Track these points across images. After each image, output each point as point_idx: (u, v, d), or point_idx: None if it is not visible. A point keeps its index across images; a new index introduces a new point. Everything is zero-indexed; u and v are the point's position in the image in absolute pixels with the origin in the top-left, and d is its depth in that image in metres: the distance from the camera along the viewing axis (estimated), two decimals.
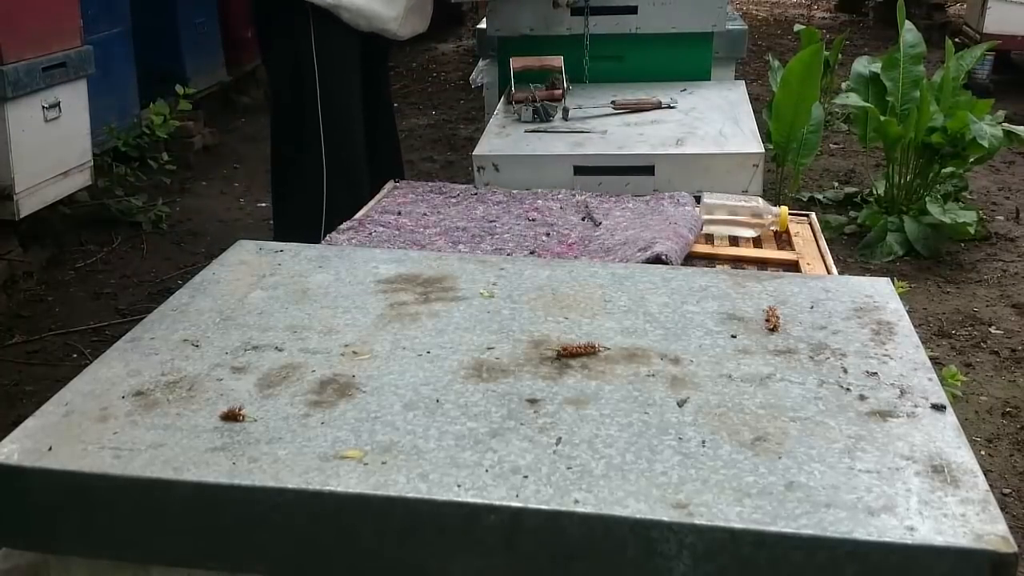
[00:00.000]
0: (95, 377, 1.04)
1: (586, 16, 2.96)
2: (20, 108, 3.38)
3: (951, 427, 0.95)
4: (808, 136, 3.96)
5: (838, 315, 1.18)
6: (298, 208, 2.35)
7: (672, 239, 1.52)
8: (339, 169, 2.29)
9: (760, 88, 6.17)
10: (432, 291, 1.24)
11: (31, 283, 3.70)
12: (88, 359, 2.76)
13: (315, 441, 0.92)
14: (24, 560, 0.95)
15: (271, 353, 1.08)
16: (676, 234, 1.55)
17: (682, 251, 1.52)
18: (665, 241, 1.50)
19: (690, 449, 0.90)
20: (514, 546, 0.83)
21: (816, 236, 1.69)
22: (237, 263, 1.33)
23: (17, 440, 0.93)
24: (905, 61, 4.09)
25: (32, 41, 3.38)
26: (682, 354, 1.08)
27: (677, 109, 2.85)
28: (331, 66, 2.25)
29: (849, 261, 3.95)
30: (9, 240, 3.65)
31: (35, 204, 3.53)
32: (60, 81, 3.50)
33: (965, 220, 3.95)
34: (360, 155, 2.31)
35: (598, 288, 1.25)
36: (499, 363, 1.06)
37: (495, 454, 0.89)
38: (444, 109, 6.40)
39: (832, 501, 0.83)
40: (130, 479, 0.87)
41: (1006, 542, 0.79)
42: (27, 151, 3.43)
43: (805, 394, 1.00)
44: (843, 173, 5.08)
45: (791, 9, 10.72)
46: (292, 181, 2.38)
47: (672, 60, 3.13)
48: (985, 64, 6.04)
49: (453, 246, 1.57)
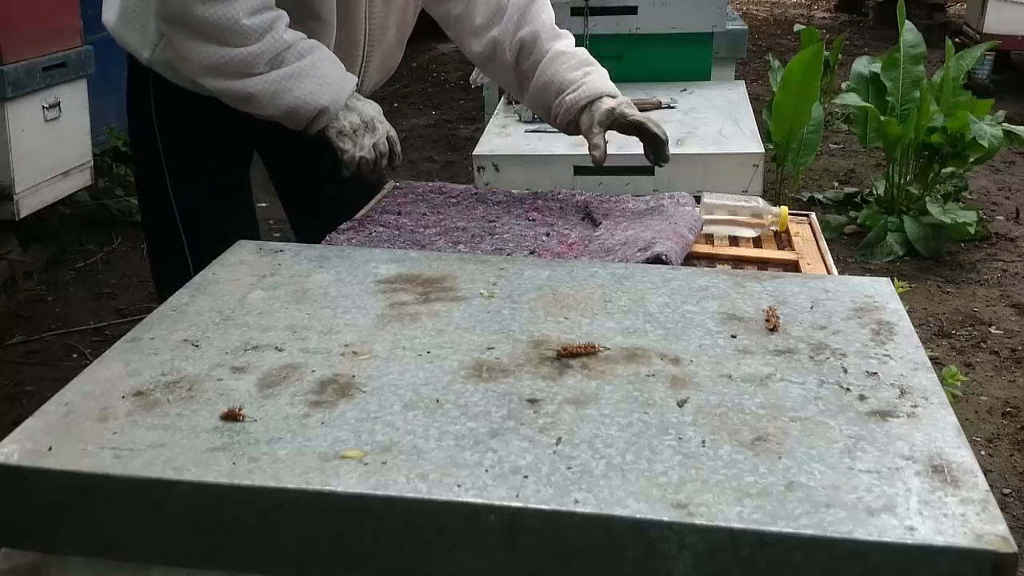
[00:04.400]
0: (95, 377, 1.04)
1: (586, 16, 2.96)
2: (20, 108, 3.38)
3: (951, 427, 0.95)
4: (808, 136, 3.96)
5: (838, 315, 1.18)
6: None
7: (672, 239, 1.52)
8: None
9: (760, 88, 6.17)
10: (432, 291, 1.24)
11: (31, 283, 3.70)
12: (88, 359, 2.76)
13: (315, 441, 0.92)
14: (24, 560, 0.95)
15: (271, 353, 1.08)
16: (676, 234, 1.55)
17: (682, 251, 1.52)
18: (665, 241, 1.50)
19: (690, 449, 0.90)
20: (514, 546, 0.83)
21: (816, 236, 1.69)
22: (237, 263, 1.33)
23: (17, 440, 0.93)
24: (905, 61, 4.10)
25: (32, 41, 3.38)
26: (682, 354, 1.08)
27: (677, 109, 2.85)
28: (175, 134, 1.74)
29: (849, 261, 3.95)
30: (9, 240, 3.65)
31: (35, 204, 3.54)
32: (60, 81, 3.51)
33: (965, 220, 3.95)
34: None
35: (598, 288, 1.25)
36: (499, 363, 1.06)
37: (495, 454, 0.89)
38: (444, 109, 6.41)
39: (832, 501, 0.83)
40: (130, 479, 0.87)
41: (1006, 542, 0.79)
42: (27, 151, 3.43)
43: (805, 394, 1.00)
44: (843, 173, 5.08)
45: (791, 9, 10.72)
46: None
47: (672, 60, 3.13)
48: (985, 64, 6.04)
49: (453, 246, 1.57)
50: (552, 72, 1.72)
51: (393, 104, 6.32)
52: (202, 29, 1.48)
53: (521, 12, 1.73)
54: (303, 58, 1.52)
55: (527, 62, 1.74)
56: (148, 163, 1.73)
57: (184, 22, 1.48)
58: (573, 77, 1.71)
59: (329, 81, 1.55)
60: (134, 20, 1.63)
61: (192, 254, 1.69)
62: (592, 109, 1.69)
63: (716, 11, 3.10)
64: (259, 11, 1.49)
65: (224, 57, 1.49)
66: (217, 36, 1.48)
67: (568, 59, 1.73)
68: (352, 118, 1.58)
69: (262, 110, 1.55)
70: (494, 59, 1.77)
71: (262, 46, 1.49)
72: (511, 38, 1.73)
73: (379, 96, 1.79)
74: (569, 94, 1.70)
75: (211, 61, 1.50)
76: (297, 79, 1.52)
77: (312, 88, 1.53)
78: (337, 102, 1.56)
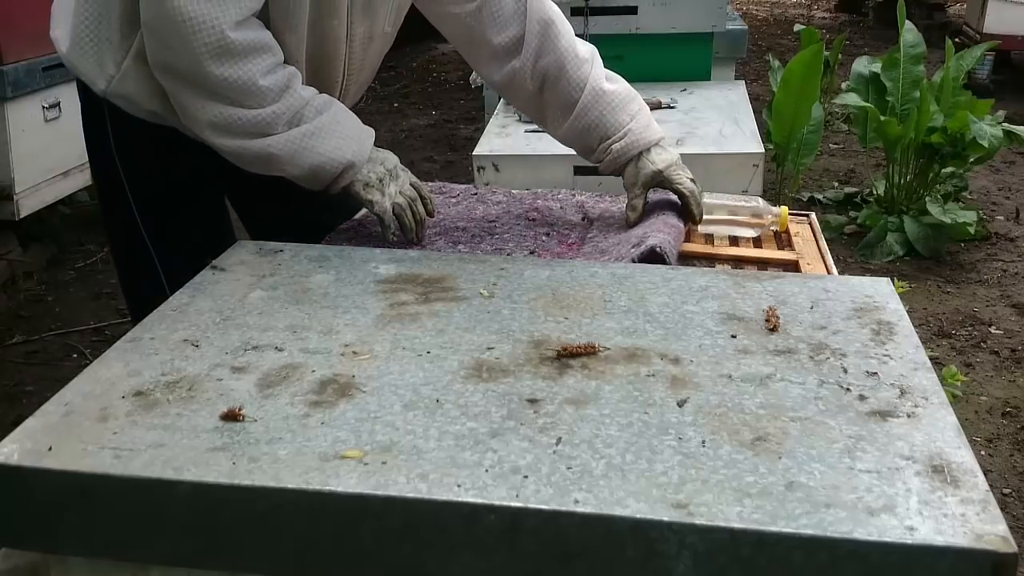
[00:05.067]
0: (95, 377, 1.04)
1: (586, 16, 2.97)
2: (20, 108, 3.38)
3: (951, 427, 0.95)
4: (808, 136, 3.96)
5: (838, 315, 1.18)
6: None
7: (664, 230, 1.51)
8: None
9: (760, 88, 6.17)
10: (432, 291, 1.24)
11: (31, 283, 3.70)
12: (88, 359, 2.76)
13: (315, 441, 0.92)
14: (24, 560, 0.95)
15: (271, 353, 1.09)
16: (667, 224, 1.54)
17: (676, 240, 1.51)
18: (657, 233, 1.49)
19: (690, 449, 0.90)
20: (514, 546, 0.83)
21: (816, 236, 1.69)
22: (237, 263, 1.33)
23: (17, 440, 0.93)
24: (905, 61, 4.10)
25: (32, 41, 3.38)
26: (682, 354, 1.08)
27: (677, 109, 2.86)
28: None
29: (849, 261, 3.95)
30: (9, 240, 3.65)
31: (35, 204, 3.54)
32: (60, 81, 3.50)
33: (965, 220, 3.95)
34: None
35: (598, 288, 1.25)
36: (499, 363, 1.06)
37: (495, 454, 0.89)
38: (444, 109, 6.41)
39: (832, 501, 0.83)
40: (130, 479, 0.87)
41: (1006, 542, 0.79)
42: (27, 151, 3.43)
43: (805, 394, 1.00)
44: (843, 173, 5.08)
45: (791, 9, 10.72)
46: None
47: (672, 60, 3.14)
48: (985, 64, 6.05)
49: (453, 246, 1.57)
50: (596, 116, 1.62)
51: (393, 104, 6.32)
52: (215, 89, 1.38)
53: (541, 40, 1.63)
54: (321, 114, 1.45)
55: (551, 93, 1.65)
56: (112, 194, 1.62)
57: (194, 80, 1.38)
58: (620, 121, 1.62)
59: (351, 135, 1.49)
60: (87, 48, 1.52)
61: (169, 282, 1.54)
62: (639, 165, 1.62)
63: (716, 11, 3.11)
64: (274, 69, 1.41)
65: (238, 117, 1.40)
66: (232, 97, 1.39)
67: (610, 99, 1.62)
68: (377, 169, 1.52)
69: (282, 170, 1.46)
70: (515, 90, 1.69)
71: (281, 106, 1.41)
72: (531, 67, 1.63)
73: (380, 96, 1.77)
74: (616, 142, 1.62)
75: (222, 120, 1.41)
76: (319, 137, 1.45)
77: (336, 143, 1.46)
78: (361, 155, 1.49)
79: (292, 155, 1.44)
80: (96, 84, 1.53)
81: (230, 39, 1.34)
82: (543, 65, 1.63)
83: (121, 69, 1.50)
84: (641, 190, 1.63)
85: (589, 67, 1.64)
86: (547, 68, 1.63)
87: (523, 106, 1.78)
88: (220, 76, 1.37)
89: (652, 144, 1.63)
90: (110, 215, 1.65)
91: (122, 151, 1.59)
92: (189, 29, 1.33)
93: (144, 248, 1.62)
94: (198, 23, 1.33)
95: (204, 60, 1.35)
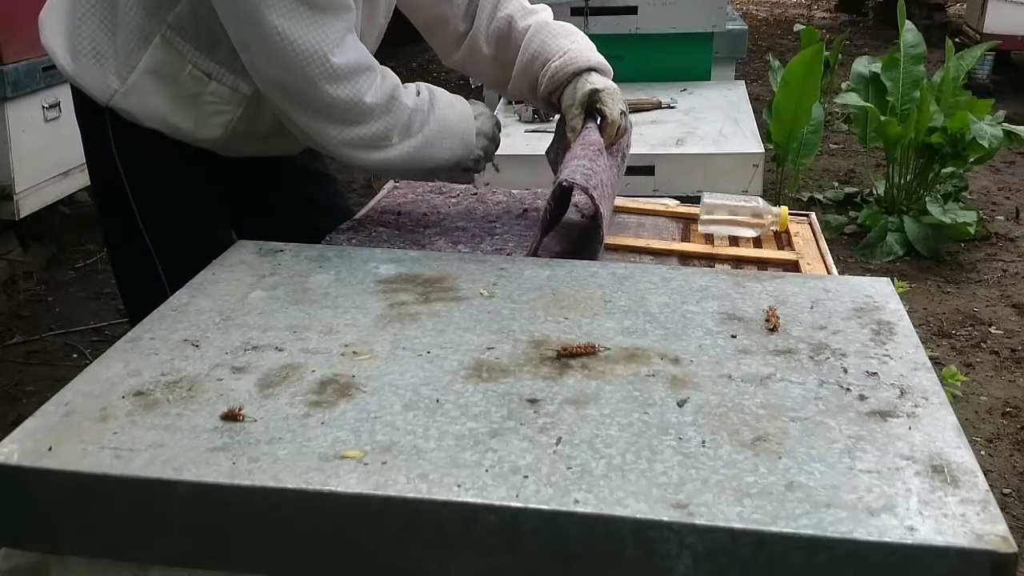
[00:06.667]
0: (95, 377, 1.04)
1: (586, 16, 2.97)
2: (20, 108, 3.38)
3: (951, 427, 0.95)
4: (808, 136, 3.96)
5: (838, 315, 1.18)
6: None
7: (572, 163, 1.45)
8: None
9: (760, 88, 6.17)
10: (432, 291, 1.24)
11: (31, 283, 3.70)
12: (88, 359, 2.76)
13: (315, 441, 0.92)
14: (24, 560, 0.95)
15: (271, 353, 1.08)
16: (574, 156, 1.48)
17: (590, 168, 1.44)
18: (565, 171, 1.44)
19: (690, 449, 0.90)
20: (514, 546, 0.83)
21: (816, 236, 1.69)
22: (237, 263, 1.33)
23: (17, 440, 0.93)
24: (905, 61, 4.10)
25: (32, 41, 3.36)
26: (682, 354, 1.08)
27: (677, 109, 2.86)
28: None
29: (849, 261, 3.95)
30: (9, 240, 3.65)
31: (35, 204, 3.53)
32: (60, 81, 3.48)
33: (965, 220, 3.95)
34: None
35: (598, 288, 1.25)
36: (499, 363, 1.06)
37: (495, 454, 0.89)
38: None
39: (832, 501, 0.83)
40: (130, 479, 0.87)
41: (1006, 542, 0.79)
42: (27, 151, 3.43)
43: (805, 394, 1.00)
44: (843, 173, 5.08)
45: (791, 9, 10.72)
46: None
47: (672, 60, 3.14)
48: (985, 64, 6.04)
49: (453, 246, 1.57)
50: (538, 44, 1.64)
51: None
52: (327, 110, 1.44)
53: (493, 4, 1.68)
54: (428, 119, 1.53)
55: (506, 50, 1.67)
56: (113, 197, 1.61)
57: (308, 102, 1.44)
58: (560, 45, 1.63)
59: (457, 130, 1.58)
60: (88, 62, 1.51)
61: (171, 286, 1.49)
62: (577, 86, 1.60)
63: (716, 11, 3.11)
64: (378, 86, 1.46)
65: (356, 135, 1.47)
66: (342, 116, 1.45)
67: (553, 29, 1.66)
68: (484, 144, 1.65)
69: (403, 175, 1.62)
70: (472, 58, 1.72)
71: (390, 120, 1.48)
72: (485, 31, 1.68)
73: None
74: (555, 61, 1.62)
75: (344, 138, 1.47)
76: (430, 146, 1.54)
77: (448, 145, 1.57)
78: (469, 148, 1.61)
79: (407, 162, 1.55)
80: (97, 96, 1.53)
81: (335, 65, 1.40)
82: (496, 26, 1.68)
83: (127, 83, 1.51)
84: (579, 110, 1.59)
85: (537, 15, 1.69)
86: (499, 27, 1.67)
87: (483, 73, 1.80)
88: (336, 95, 1.42)
89: (591, 66, 1.62)
90: (110, 218, 1.65)
91: (124, 155, 1.59)
92: (301, 60, 1.38)
93: (146, 252, 1.62)
94: (308, 55, 1.38)
95: (319, 83, 1.41)
